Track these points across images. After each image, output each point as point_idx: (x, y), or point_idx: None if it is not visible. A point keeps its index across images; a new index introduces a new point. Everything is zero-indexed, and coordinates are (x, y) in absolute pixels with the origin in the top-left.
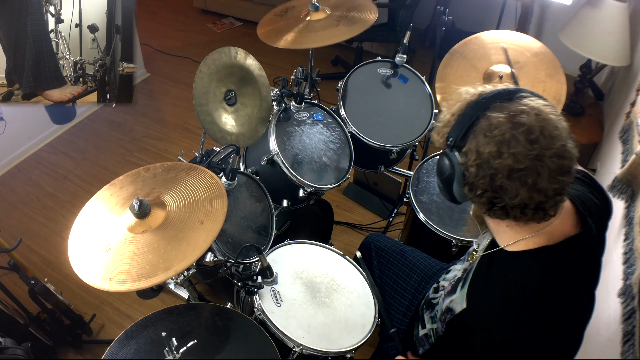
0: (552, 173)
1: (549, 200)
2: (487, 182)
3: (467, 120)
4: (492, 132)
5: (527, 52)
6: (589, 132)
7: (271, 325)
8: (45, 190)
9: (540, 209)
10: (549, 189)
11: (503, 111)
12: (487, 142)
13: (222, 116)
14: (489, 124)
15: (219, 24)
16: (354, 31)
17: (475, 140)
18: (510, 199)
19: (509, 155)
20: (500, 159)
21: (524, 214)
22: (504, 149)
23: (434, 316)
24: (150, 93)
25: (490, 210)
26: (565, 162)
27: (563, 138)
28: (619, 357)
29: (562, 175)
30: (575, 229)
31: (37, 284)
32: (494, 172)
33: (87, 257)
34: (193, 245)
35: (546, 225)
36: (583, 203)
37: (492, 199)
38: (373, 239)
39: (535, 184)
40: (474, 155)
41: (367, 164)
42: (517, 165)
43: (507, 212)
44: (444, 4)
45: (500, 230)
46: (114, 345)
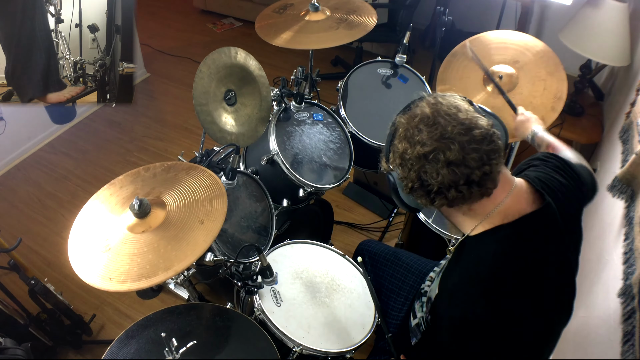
0: (465, 144)
1: (475, 171)
2: (413, 174)
3: (389, 137)
4: (400, 132)
5: (527, 51)
6: (589, 132)
7: (271, 325)
8: (45, 190)
9: (472, 182)
10: (467, 159)
11: (405, 115)
12: (399, 142)
13: (222, 116)
14: (396, 129)
15: (219, 24)
16: (354, 35)
17: (394, 147)
18: (434, 179)
19: (417, 143)
20: (412, 149)
21: (459, 191)
22: (411, 141)
23: (422, 305)
24: (150, 93)
25: (432, 200)
26: (475, 132)
27: (464, 112)
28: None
29: (478, 144)
30: (532, 207)
31: (37, 284)
32: (412, 163)
33: (87, 257)
34: (193, 245)
35: (497, 205)
36: (542, 182)
37: (424, 188)
38: (365, 245)
39: (448, 159)
40: (396, 159)
41: (367, 164)
42: (425, 149)
43: (446, 196)
44: (444, 4)
45: (460, 221)
46: (115, 345)
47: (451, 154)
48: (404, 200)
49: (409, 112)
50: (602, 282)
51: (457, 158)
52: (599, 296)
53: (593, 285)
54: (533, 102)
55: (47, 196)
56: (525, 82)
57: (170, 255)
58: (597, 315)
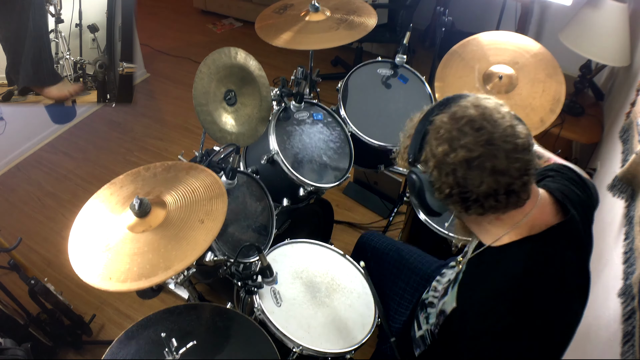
0: (509, 153)
1: (516, 181)
2: (451, 179)
3: (419, 134)
4: (440, 133)
5: (526, 53)
6: (589, 132)
7: (271, 325)
8: (45, 190)
9: (512, 192)
10: (511, 169)
11: (445, 113)
12: (438, 144)
13: (222, 116)
14: (436, 128)
15: (219, 24)
16: (354, 36)
17: (429, 146)
18: (477, 187)
19: (461, 148)
20: (455, 153)
21: (498, 201)
22: (455, 144)
23: (427, 317)
24: (150, 93)
25: (467, 208)
26: (519, 141)
27: (508, 120)
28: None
29: (520, 154)
30: (556, 218)
31: (37, 284)
32: (454, 167)
33: (87, 257)
34: (193, 244)
35: (525, 215)
36: (563, 194)
37: (462, 195)
38: (368, 238)
39: (495, 167)
40: (431, 160)
41: (367, 163)
42: (471, 155)
43: (482, 205)
44: (444, 5)
45: (483, 230)
46: (115, 346)
47: (497, 162)
48: (429, 203)
49: (449, 111)
50: (602, 282)
51: (503, 167)
52: (599, 296)
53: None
54: (532, 103)
55: (47, 196)
56: (525, 84)
57: (170, 254)
58: (597, 315)
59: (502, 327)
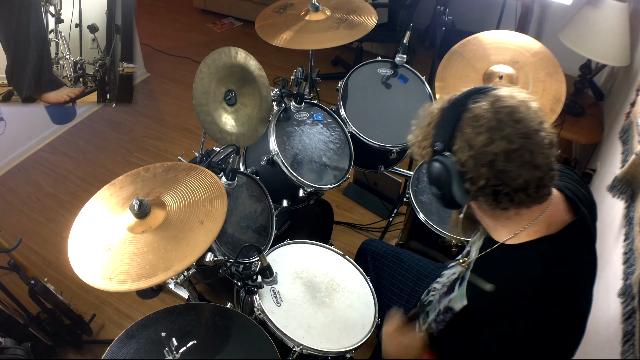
0: (543, 148)
1: (546, 175)
2: (488, 170)
3: (449, 121)
4: (479, 122)
5: (526, 52)
6: (589, 132)
7: (271, 325)
8: (45, 190)
9: (541, 186)
10: (543, 163)
11: (483, 101)
12: (477, 133)
13: (222, 116)
14: (474, 116)
15: (219, 24)
16: (354, 35)
17: (463, 135)
18: (513, 180)
19: (502, 139)
20: (494, 145)
21: (527, 195)
22: (495, 134)
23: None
24: (150, 93)
25: (498, 201)
26: (550, 135)
27: (541, 115)
28: (619, 357)
29: (550, 149)
30: (568, 216)
31: (37, 284)
32: (492, 158)
33: (87, 257)
34: (193, 245)
35: (543, 212)
36: (571, 192)
37: (496, 187)
38: (368, 245)
39: (533, 160)
40: (466, 149)
41: (367, 164)
42: (511, 147)
43: (512, 198)
44: (444, 4)
45: (499, 225)
46: (115, 345)
47: (534, 156)
48: (454, 194)
49: (488, 100)
50: (602, 282)
51: (538, 161)
52: (599, 296)
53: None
54: None
55: (47, 196)
56: (525, 83)
57: (170, 255)
58: (597, 315)
59: (522, 326)
